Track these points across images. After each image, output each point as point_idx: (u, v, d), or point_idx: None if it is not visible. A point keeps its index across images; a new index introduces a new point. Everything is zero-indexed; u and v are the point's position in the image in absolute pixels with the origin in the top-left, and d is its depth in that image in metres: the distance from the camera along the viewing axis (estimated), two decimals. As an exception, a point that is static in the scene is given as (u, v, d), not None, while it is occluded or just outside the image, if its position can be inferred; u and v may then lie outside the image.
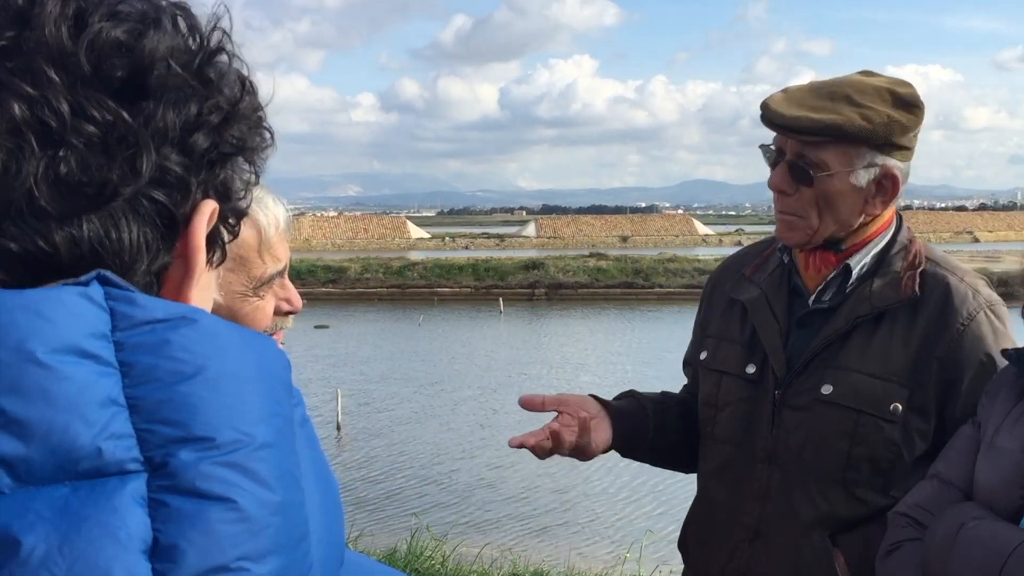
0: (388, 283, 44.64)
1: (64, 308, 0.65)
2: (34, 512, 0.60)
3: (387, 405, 19.93)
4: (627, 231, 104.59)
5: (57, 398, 0.62)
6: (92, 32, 0.71)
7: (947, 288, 2.32)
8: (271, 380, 0.72)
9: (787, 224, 2.37)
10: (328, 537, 0.73)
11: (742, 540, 2.43)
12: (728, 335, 2.53)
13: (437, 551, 8.42)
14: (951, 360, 2.27)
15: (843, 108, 2.26)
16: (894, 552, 2.10)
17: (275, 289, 1.85)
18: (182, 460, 0.64)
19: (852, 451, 2.29)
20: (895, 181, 2.32)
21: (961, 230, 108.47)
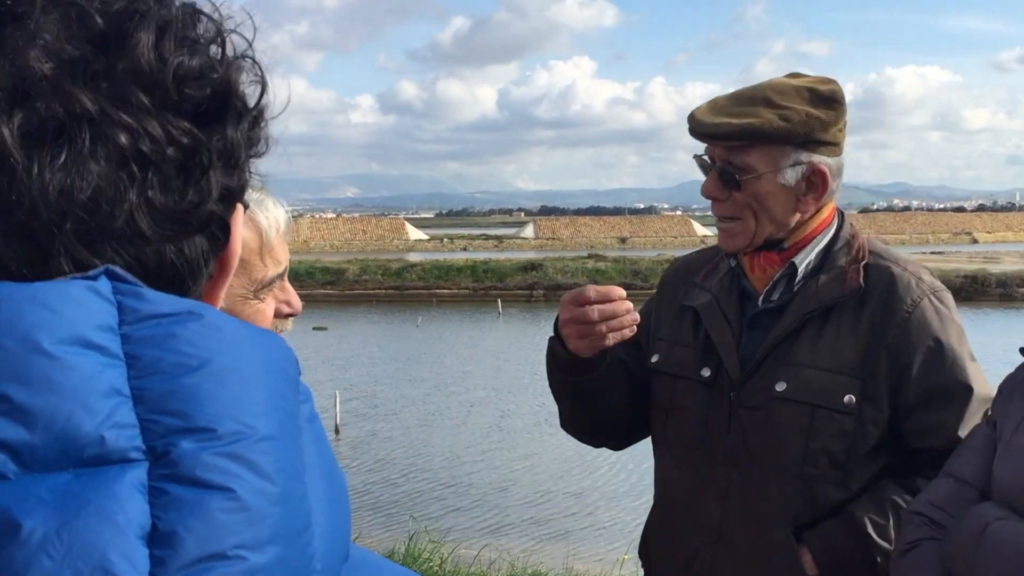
0: (386, 285, 44.68)
1: (71, 301, 0.66)
2: (36, 497, 0.61)
3: (386, 406, 19.93)
4: (626, 232, 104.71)
5: (62, 387, 0.63)
6: (177, 61, 0.74)
7: (891, 278, 2.37)
8: (276, 374, 0.73)
9: (726, 232, 2.43)
10: (333, 531, 0.74)
11: (704, 542, 2.45)
12: (681, 340, 2.56)
13: (435, 553, 8.42)
14: (899, 347, 2.31)
15: (762, 111, 2.31)
16: (911, 551, 2.09)
17: (275, 291, 1.84)
18: (183, 450, 0.65)
19: (809, 445, 2.32)
20: (824, 177, 2.36)
21: (960, 231, 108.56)
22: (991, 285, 39.55)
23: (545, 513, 12.60)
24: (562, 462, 14.91)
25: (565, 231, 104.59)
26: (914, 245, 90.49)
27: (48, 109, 0.69)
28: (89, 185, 0.70)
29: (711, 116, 2.35)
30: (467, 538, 10.62)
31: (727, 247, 2.46)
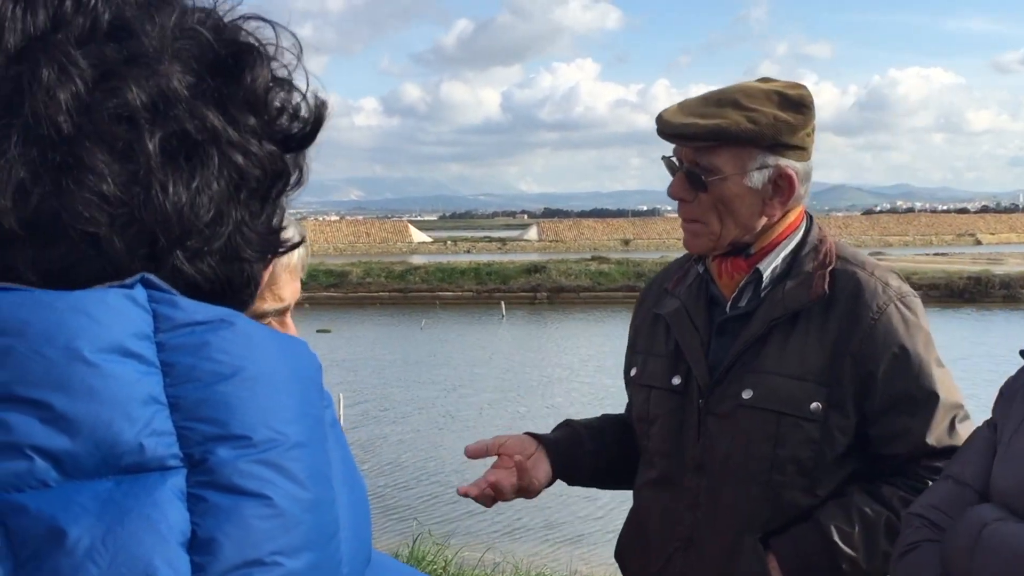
0: (390, 287, 44.67)
1: (110, 309, 0.68)
2: (79, 505, 0.62)
3: (396, 408, 19.90)
4: (629, 234, 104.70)
5: (103, 395, 0.65)
6: (279, 93, 0.80)
7: (857, 283, 2.36)
8: (304, 381, 0.74)
9: (691, 233, 2.42)
10: (356, 535, 0.75)
11: (676, 549, 2.47)
12: (654, 350, 2.58)
13: (439, 555, 8.41)
14: (864, 354, 2.31)
15: (729, 112, 2.31)
16: (910, 553, 2.09)
17: (273, 323, 1.77)
18: (220, 457, 0.66)
19: (776, 453, 2.32)
20: (791, 181, 2.35)
21: (963, 232, 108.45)
22: (995, 286, 39.51)
23: (548, 517, 12.59)
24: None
25: (568, 233, 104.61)
26: (917, 247, 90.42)
27: (184, 127, 0.73)
28: (212, 203, 0.75)
29: (679, 117, 2.35)
30: (471, 541, 10.61)
31: (691, 248, 2.46)
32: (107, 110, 0.71)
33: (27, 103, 0.69)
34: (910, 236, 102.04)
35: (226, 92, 0.77)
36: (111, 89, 0.72)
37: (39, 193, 0.70)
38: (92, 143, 0.71)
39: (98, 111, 0.71)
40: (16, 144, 0.69)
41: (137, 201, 0.72)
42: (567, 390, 21.72)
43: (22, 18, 0.71)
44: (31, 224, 0.70)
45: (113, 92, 0.72)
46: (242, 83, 0.78)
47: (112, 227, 0.72)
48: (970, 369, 18.04)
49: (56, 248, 0.71)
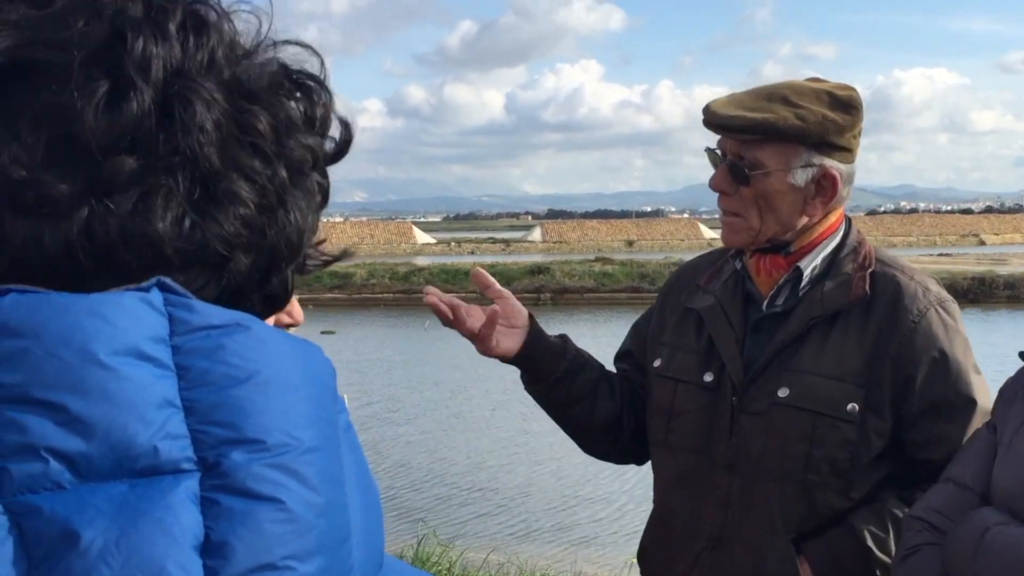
0: (394, 288, 44.65)
1: (126, 312, 0.68)
2: (93, 507, 0.63)
3: (406, 410, 19.87)
4: (633, 235, 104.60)
5: (118, 398, 0.65)
6: (321, 114, 0.84)
7: (897, 287, 2.34)
8: (317, 386, 0.75)
9: (730, 226, 2.40)
10: (368, 539, 0.76)
11: (704, 549, 2.43)
12: (683, 344, 2.54)
13: (444, 556, 8.41)
14: (904, 358, 2.29)
15: (778, 108, 2.29)
16: (911, 556, 2.09)
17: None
18: (234, 461, 0.67)
19: (811, 453, 2.30)
20: (834, 182, 2.34)
21: (967, 233, 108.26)
22: (999, 287, 39.44)
23: (552, 518, 12.58)
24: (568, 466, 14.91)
25: (572, 234, 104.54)
26: (921, 247, 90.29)
27: (298, 153, 0.79)
28: (309, 223, 0.81)
29: (727, 108, 2.34)
30: (483, 543, 10.60)
31: (728, 242, 2.45)
32: (244, 142, 0.76)
33: (183, 139, 0.73)
34: (914, 237, 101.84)
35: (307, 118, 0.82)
36: (244, 122, 0.76)
37: (190, 221, 0.74)
38: (235, 173, 0.75)
39: (236, 143, 0.75)
40: (184, 181, 0.73)
41: (269, 224, 0.78)
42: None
43: (165, 54, 0.73)
44: (180, 251, 0.74)
45: (245, 125, 0.76)
46: (313, 109, 0.83)
47: (246, 250, 0.77)
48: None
49: (191, 271, 0.75)
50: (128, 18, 0.73)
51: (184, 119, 0.73)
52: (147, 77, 0.71)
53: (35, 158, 0.69)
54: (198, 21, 0.77)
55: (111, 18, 0.72)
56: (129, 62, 0.71)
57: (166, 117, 0.72)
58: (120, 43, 0.72)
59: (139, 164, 0.71)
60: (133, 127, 0.71)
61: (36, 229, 0.69)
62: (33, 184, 0.68)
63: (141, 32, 0.72)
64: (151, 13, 0.74)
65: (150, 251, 0.72)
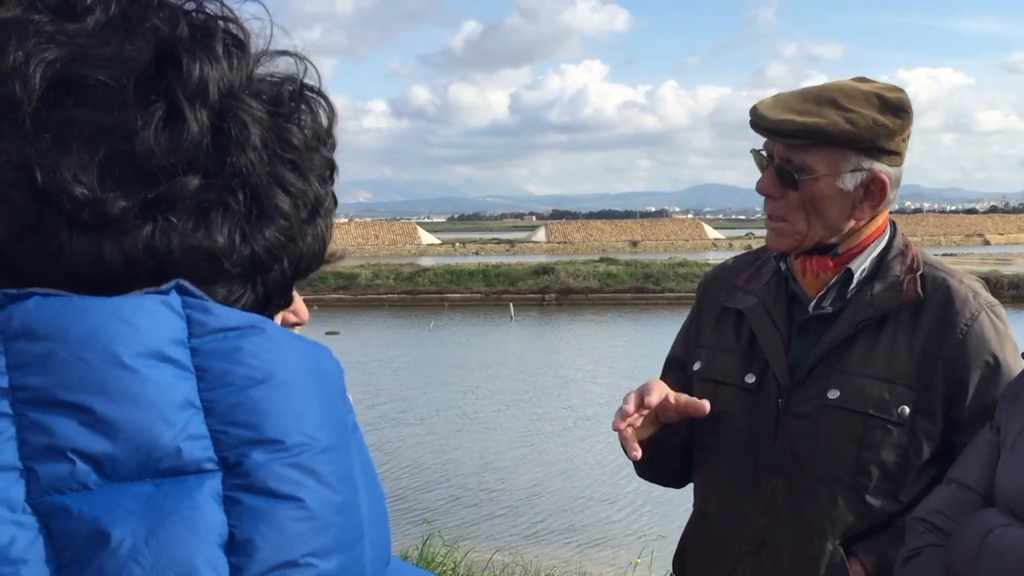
0: (399, 289, 44.66)
1: (147, 315, 0.70)
2: (121, 507, 0.64)
3: (415, 410, 19.86)
4: (637, 236, 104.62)
5: (141, 400, 0.67)
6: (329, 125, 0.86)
7: (948, 290, 2.32)
8: (329, 386, 0.77)
9: (776, 231, 2.36)
10: (378, 538, 0.77)
11: (745, 552, 2.40)
12: (723, 345, 2.50)
13: (448, 557, 8.42)
14: (956, 362, 2.27)
15: (828, 112, 2.25)
16: (914, 558, 2.08)
17: None
18: (255, 460, 0.69)
19: (861, 455, 2.27)
20: (883, 186, 2.30)
21: (972, 233, 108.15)
22: (1004, 287, 39.40)
23: (556, 518, 12.58)
24: (571, 467, 14.91)
25: (577, 235, 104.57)
26: (926, 247, 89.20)
27: (323, 164, 0.82)
28: (327, 231, 0.84)
29: (775, 112, 2.30)
30: (485, 543, 10.61)
31: (774, 246, 2.41)
32: (284, 158, 0.78)
33: (238, 158, 0.75)
34: (918, 237, 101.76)
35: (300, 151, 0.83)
36: (283, 138, 0.78)
37: (241, 235, 0.76)
38: (278, 188, 0.78)
39: (278, 159, 0.78)
40: (240, 196, 0.76)
41: (302, 236, 0.81)
42: (582, 391, 21.70)
43: (219, 76, 0.75)
44: (234, 264, 0.77)
45: (284, 141, 0.79)
46: (321, 121, 0.85)
47: (283, 261, 0.80)
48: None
49: (235, 283, 0.78)
50: (179, 40, 0.74)
51: (240, 138, 0.75)
52: (205, 99, 0.73)
53: (91, 175, 0.70)
54: (235, 39, 0.79)
55: (154, 38, 0.74)
56: (188, 85, 0.73)
57: (221, 136, 0.75)
58: (172, 65, 0.73)
59: (201, 183, 0.73)
60: (193, 148, 0.73)
61: (97, 245, 0.71)
62: (93, 202, 0.70)
63: (196, 55, 0.74)
64: (197, 34, 0.76)
65: (208, 265, 0.75)
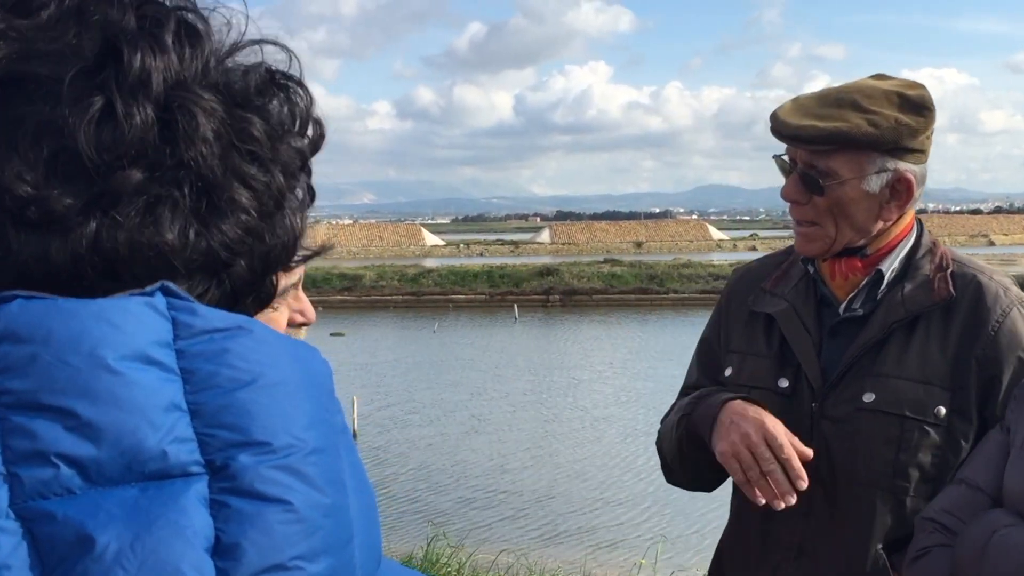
0: (403, 290, 44.72)
1: (132, 317, 0.69)
2: (106, 511, 0.63)
3: (426, 411, 19.87)
4: (641, 237, 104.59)
5: (126, 403, 0.66)
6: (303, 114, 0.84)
7: (978, 287, 2.30)
8: (318, 387, 0.76)
9: (805, 237, 2.34)
10: (367, 541, 0.76)
11: (783, 559, 2.37)
12: (754, 349, 2.46)
13: (453, 558, 8.42)
14: (989, 359, 2.25)
15: (849, 115, 2.22)
16: (922, 558, 2.08)
17: (289, 301, 1.84)
18: (242, 463, 0.68)
19: (899, 458, 2.25)
20: (909, 185, 2.27)
21: (976, 233, 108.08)
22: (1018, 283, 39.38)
23: (560, 519, 12.58)
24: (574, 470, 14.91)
25: (581, 236, 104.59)
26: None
27: (290, 157, 0.80)
28: (300, 224, 0.82)
29: (796, 117, 2.26)
30: (486, 544, 10.61)
31: (804, 251, 2.38)
32: (242, 150, 0.76)
33: (187, 151, 0.73)
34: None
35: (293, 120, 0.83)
36: (241, 130, 0.76)
37: (195, 231, 0.74)
38: (236, 182, 0.76)
39: (235, 151, 0.76)
40: (189, 191, 0.73)
41: (267, 229, 0.79)
42: (591, 391, 21.72)
43: (164, 66, 0.73)
44: (187, 260, 0.74)
45: (242, 132, 0.76)
46: (295, 111, 0.83)
47: (247, 256, 0.78)
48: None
49: (195, 278, 0.76)
50: (122, 31, 0.72)
51: (188, 131, 0.73)
52: (148, 91, 0.71)
53: (37, 173, 0.69)
54: (190, 30, 0.76)
55: (102, 30, 0.72)
56: (128, 78, 0.71)
57: (168, 129, 0.72)
58: (115, 57, 0.71)
59: (145, 177, 0.71)
60: (136, 141, 0.71)
61: (43, 243, 0.69)
62: (37, 200, 0.68)
63: (138, 46, 0.72)
64: (146, 24, 0.74)
65: (158, 262, 0.73)
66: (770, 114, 2.34)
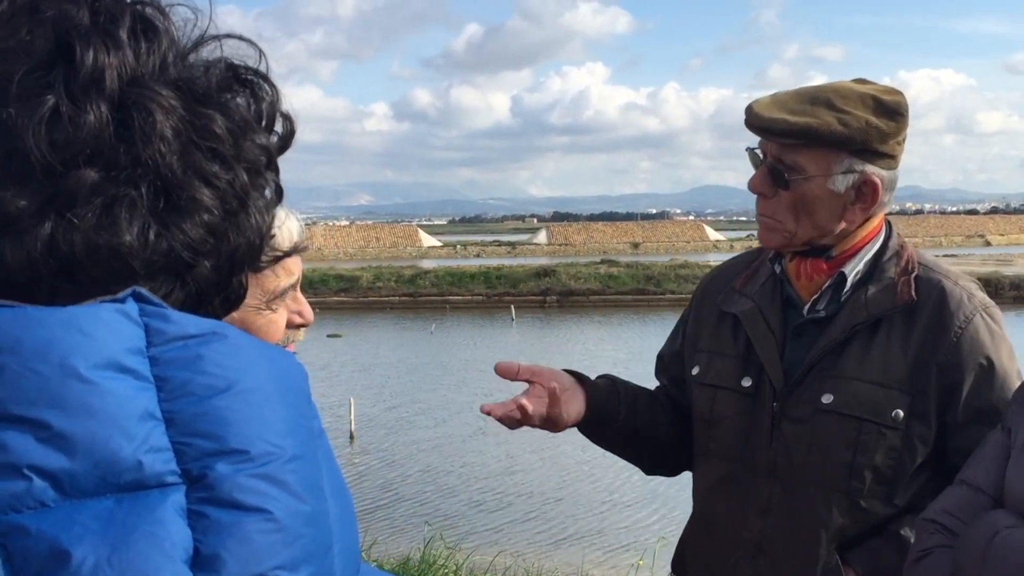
0: (400, 291, 44.69)
1: (103, 324, 0.67)
2: (81, 524, 0.62)
3: (432, 413, 19.84)
4: (638, 238, 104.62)
5: (99, 412, 0.64)
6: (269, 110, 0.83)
7: (942, 292, 2.30)
8: (295, 392, 0.74)
9: (766, 227, 2.36)
10: (346, 548, 0.75)
11: (743, 557, 2.40)
12: (720, 349, 2.50)
13: (450, 560, 8.42)
14: (951, 365, 2.26)
15: (822, 112, 2.24)
16: (924, 559, 2.08)
17: (287, 302, 1.84)
18: (219, 472, 0.66)
19: (855, 460, 2.27)
20: (875, 188, 2.28)
21: (972, 234, 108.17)
22: (1005, 288, 39.44)
23: (559, 521, 12.58)
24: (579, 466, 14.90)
25: (578, 237, 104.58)
26: (927, 248, 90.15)
27: (254, 155, 0.78)
28: (267, 222, 0.80)
29: (769, 110, 2.28)
30: (484, 545, 10.60)
31: (765, 242, 2.40)
32: (203, 147, 0.74)
33: (144, 149, 0.71)
34: (919, 238, 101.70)
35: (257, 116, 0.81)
36: (201, 127, 0.74)
37: (155, 231, 0.72)
38: (197, 180, 0.74)
39: (195, 149, 0.74)
40: (147, 192, 0.71)
41: (231, 228, 0.77)
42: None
43: (119, 63, 0.71)
44: (147, 261, 0.72)
45: (203, 130, 0.74)
46: (261, 107, 0.81)
47: (211, 256, 0.76)
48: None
49: (156, 280, 0.74)
50: (75, 27, 0.70)
51: (144, 129, 0.71)
52: (101, 89, 0.69)
53: None
54: (147, 25, 0.74)
55: (55, 26, 0.70)
56: (80, 75, 0.69)
57: (124, 128, 0.70)
58: (67, 54, 0.69)
59: (100, 177, 0.69)
60: (91, 140, 0.69)
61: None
62: None
63: (91, 42, 0.70)
64: (99, 20, 0.71)
65: (116, 263, 0.71)
66: (746, 106, 2.36)
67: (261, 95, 0.81)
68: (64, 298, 0.70)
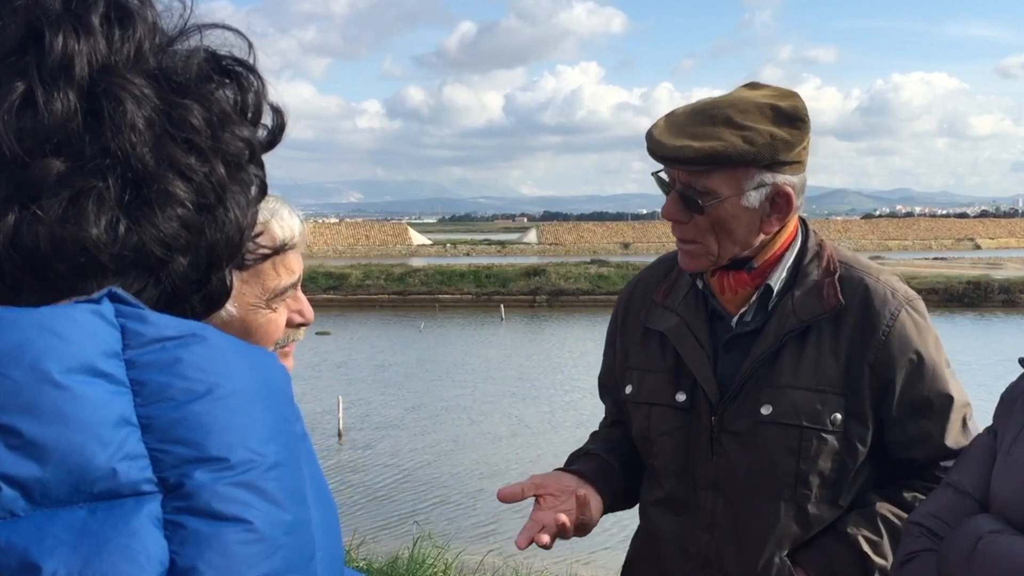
0: (389, 290, 44.65)
1: (77, 326, 0.65)
2: (53, 536, 0.59)
3: (391, 411, 19.87)
4: (629, 238, 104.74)
5: (72, 419, 0.62)
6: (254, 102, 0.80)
7: (866, 291, 2.32)
8: (277, 396, 0.72)
9: (688, 255, 2.35)
10: (329, 555, 0.73)
11: (692, 570, 2.40)
12: (651, 366, 2.49)
13: (439, 559, 8.40)
14: (882, 363, 2.28)
15: (724, 132, 2.21)
16: (910, 562, 2.08)
17: (288, 301, 1.84)
18: (197, 481, 0.64)
19: (799, 467, 2.29)
20: (788, 197, 2.27)
21: (962, 237, 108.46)
22: (994, 291, 39.53)
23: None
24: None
25: (568, 236, 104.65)
26: (917, 251, 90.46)
27: (235, 147, 0.75)
28: (248, 218, 0.78)
29: (671, 138, 2.25)
30: (470, 543, 10.59)
31: (689, 268, 2.39)
32: (178, 138, 0.71)
33: (113, 139, 0.68)
34: (909, 240, 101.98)
35: (240, 108, 0.78)
36: (176, 118, 0.72)
37: (125, 225, 0.69)
38: (171, 172, 0.71)
39: (170, 140, 0.71)
40: (115, 183, 0.68)
41: (208, 223, 0.74)
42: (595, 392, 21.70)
43: (89, 50, 0.68)
44: (116, 256, 0.70)
45: (178, 120, 0.72)
46: (245, 98, 0.79)
47: (185, 252, 0.73)
48: (968, 374, 18.01)
49: (127, 276, 0.71)
50: (44, 12, 0.68)
51: (114, 118, 0.68)
52: (70, 76, 0.67)
53: None
54: (122, 11, 0.72)
55: (26, 13, 0.67)
56: (48, 62, 0.66)
57: (93, 117, 0.68)
58: (36, 40, 0.67)
59: (66, 167, 0.66)
60: (57, 130, 0.66)
61: None
62: None
63: (60, 28, 0.67)
64: (71, 6, 0.69)
65: (83, 258, 0.68)
66: (646, 133, 2.33)
67: (246, 86, 0.78)
68: (31, 294, 0.67)
